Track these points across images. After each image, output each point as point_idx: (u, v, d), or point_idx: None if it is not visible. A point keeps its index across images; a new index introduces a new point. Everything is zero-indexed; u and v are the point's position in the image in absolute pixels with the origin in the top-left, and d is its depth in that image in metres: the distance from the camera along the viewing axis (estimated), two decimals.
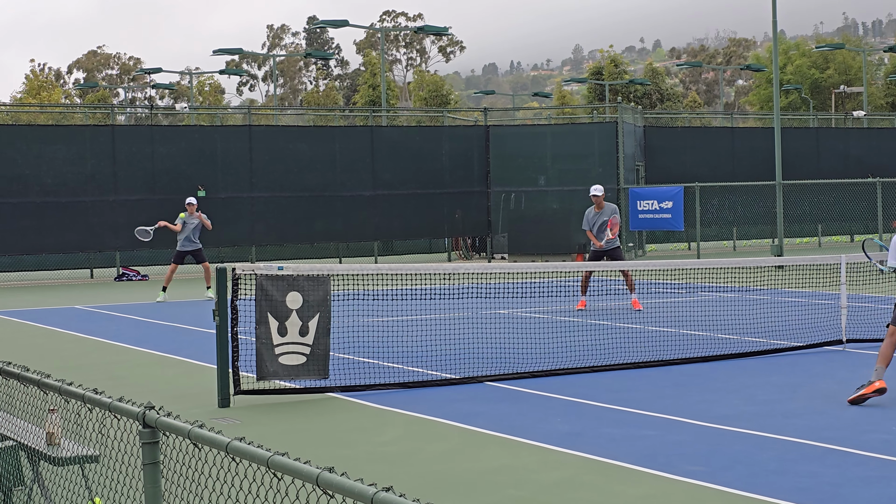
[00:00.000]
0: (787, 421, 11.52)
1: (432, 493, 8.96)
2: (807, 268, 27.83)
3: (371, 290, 18.25)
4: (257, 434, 11.11)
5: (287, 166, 37.44)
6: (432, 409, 12.57)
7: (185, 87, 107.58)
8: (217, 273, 13.18)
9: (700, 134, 48.83)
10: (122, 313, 24.66)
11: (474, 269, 16.99)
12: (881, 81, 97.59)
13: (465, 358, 15.83)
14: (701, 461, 9.90)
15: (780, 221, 35.54)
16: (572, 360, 15.72)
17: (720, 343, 17.45)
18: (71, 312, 25.27)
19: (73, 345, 19.62)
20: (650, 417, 11.90)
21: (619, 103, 40.16)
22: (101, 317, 24.12)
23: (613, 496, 8.95)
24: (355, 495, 4.07)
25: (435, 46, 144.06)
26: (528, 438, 10.99)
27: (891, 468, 9.51)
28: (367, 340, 17.62)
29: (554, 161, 39.81)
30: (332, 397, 13.56)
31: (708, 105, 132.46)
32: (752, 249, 45.07)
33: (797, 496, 8.68)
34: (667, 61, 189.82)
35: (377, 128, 40.80)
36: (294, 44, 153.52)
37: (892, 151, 49.40)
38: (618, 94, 79.69)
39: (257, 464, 4.66)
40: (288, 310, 13.28)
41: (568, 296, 23.68)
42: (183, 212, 27.67)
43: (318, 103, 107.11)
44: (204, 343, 17.77)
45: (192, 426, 5.17)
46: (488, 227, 39.95)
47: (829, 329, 17.88)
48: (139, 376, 15.77)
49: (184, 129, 40.62)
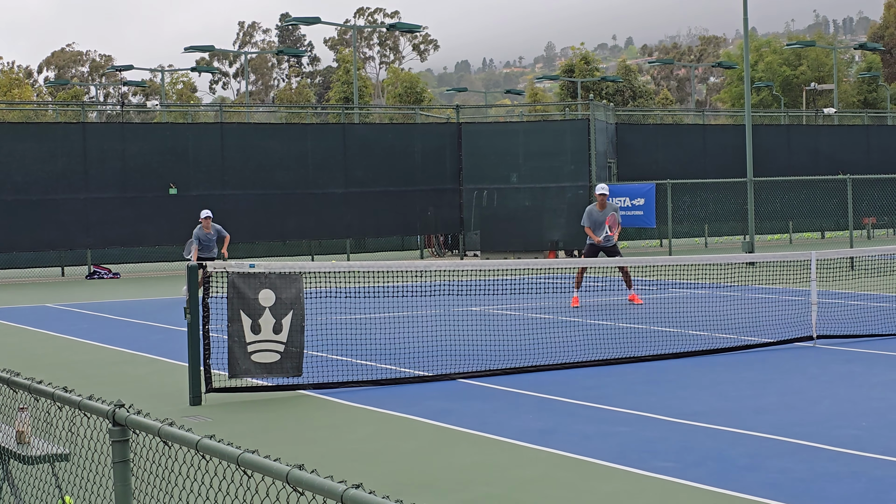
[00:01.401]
0: (758, 417, 11.56)
1: (404, 490, 8.96)
2: (777, 264, 27.97)
3: (343, 287, 18.21)
4: (228, 432, 11.09)
5: (259, 164, 37.37)
6: (404, 407, 12.56)
7: (156, 84, 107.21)
8: (188, 271, 13.14)
9: (672, 131, 48.96)
10: (94, 311, 24.57)
11: (446, 266, 16.96)
12: (852, 79, 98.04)
13: (438, 355, 15.82)
14: (672, 457, 9.92)
15: (751, 218, 35.66)
16: (545, 357, 15.74)
17: (692, 339, 17.49)
18: (42, 311, 25.16)
19: (43, 343, 19.52)
20: (622, 414, 11.92)
21: (591, 100, 40.22)
22: (73, 315, 24.02)
23: (585, 493, 8.96)
24: (325, 492, 4.06)
25: (409, 44, 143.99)
26: (501, 435, 10.99)
27: (861, 463, 9.55)
28: (339, 338, 17.59)
29: (526, 158, 39.86)
30: (304, 395, 13.54)
31: (680, 102, 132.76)
32: (723, 246, 45.23)
33: (768, 492, 8.71)
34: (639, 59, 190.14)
35: (349, 125, 40.76)
36: (266, 41, 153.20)
37: (863, 148, 49.64)
38: (590, 92, 79.78)
39: (227, 461, 4.65)
40: (261, 307, 13.25)
41: (540, 293, 23.71)
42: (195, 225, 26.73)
43: (290, 101, 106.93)
44: (175, 341, 17.72)
45: (162, 424, 5.15)
46: (461, 224, 39.96)
47: (800, 325, 17.95)
48: (110, 375, 15.71)
49: (155, 126, 40.52)
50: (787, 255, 20.17)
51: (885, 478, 9.08)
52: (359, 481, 4.34)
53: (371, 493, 3.89)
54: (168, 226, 35.74)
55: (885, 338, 17.29)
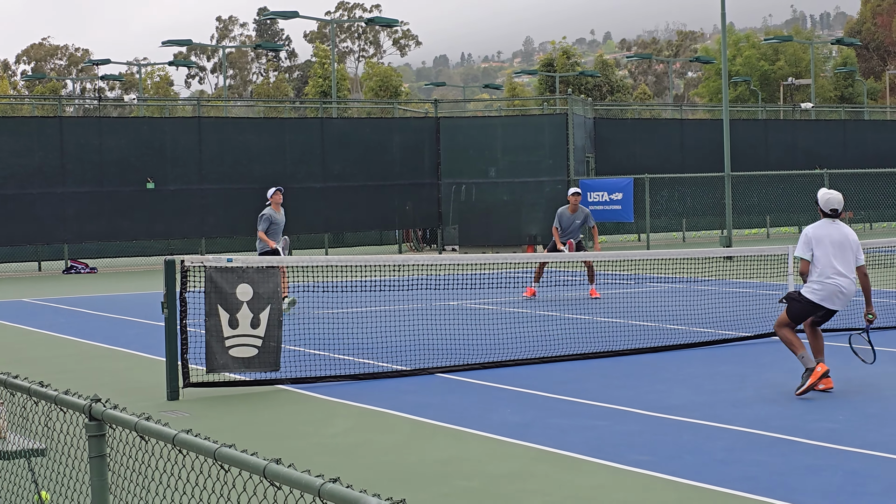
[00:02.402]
0: (735, 410, 11.60)
1: (382, 484, 8.96)
2: (755, 258, 28.05)
3: (321, 281, 18.21)
4: (206, 426, 11.07)
5: (237, 158, 37.27)
6: (382, 401, 12.56)
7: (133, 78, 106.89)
8: (166, 265, 13.11)
9: (649, 126, 49.05)
10: (71, 306, 24.48)
11: (424, 260, 16.96)
12: (829, 74, 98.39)
13: (416, 349, 15.83)
14: (649, 451, 9.95)
15: (728, 213, 35.75)
16: (522, 351, 15.76)
17: (669, 334, 17.54)
18: (18, 305, 25.07)
19: (19, 338, 19.45)
20: (599, 408, 11.95)
21: (569, 95, 40.26)
22: (49, 310, 23.93)
23: (562, 486, 8.98)
24: (302, 487, 4.06)
25: (389, 39, 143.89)
26: (478, 429, 11.00)
27: (837, 457, 9.59)
28: (317, 332, 17.57)
29: (504, 153, 39.87)
30: (281, 389, 13.52)
31: (657, 97, 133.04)
32: (701, 241, 45.34)
33: (744, 485, 8.74)
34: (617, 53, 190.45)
35: (327, 119, 40.68)
36: (244, 35, 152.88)
37: (840, 143, 49.82)
38: (568, 86, 79.86)
39: (204, 456, 4.64)
40: (238, 302, 13.23)
41: (518, 287, 23.73)
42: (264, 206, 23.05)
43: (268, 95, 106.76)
44: (153, 336, 17.68)
45: (138, 419, 5.14)
46: (439, 218, 39.95)
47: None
48: (87, 369, 15.67)
49: (132, 120, 40.36)
50: (765, 249, 20.24)
51: (862, 471, 9.12)
52: (336, 475, 4.34)
53: (348, 486, 3.90)
54: (145, 220, 35.63)
55: (861, 331, 17.32)
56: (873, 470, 9.15)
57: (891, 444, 9.97)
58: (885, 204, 45.35)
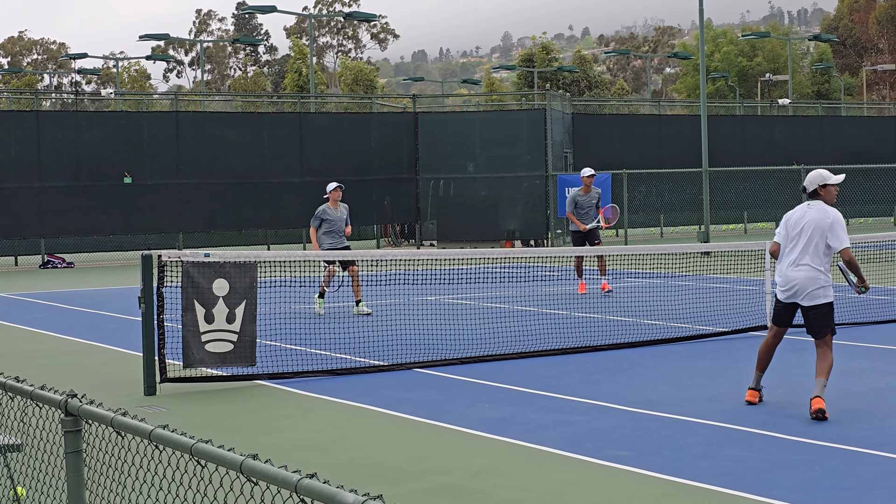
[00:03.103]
0: (713, 405, 11.62)
1: (359, 480, 8.94)
2: (732, 254, 28.13)
3: (299, 277, 18.18)
4: (183, 422, 11.05)
5: (214, 153, 37.19)
6: (360, 397, 12.55)
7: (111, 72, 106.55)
8: (143, 260, 13.06)
9: (628, 121, 49.10)
10: (47, 301, 24.39)
11: (403, 255, 16.94)
12: (807, 70, 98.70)
13: (394, 345, 15.82)
14: (627, 446, 9.96)
15: (706, 208, 35.82)
16: (501, 346, 15.76)
17: (647, 329, 17.56)
18: None
19: None
20: (577, 403, 11.96)
21: (547, 90, 40.29)
22: (26, 304, 23.83)
23: (540, 481, 8.98)
24: (279, 482, 4.05)
25: (368, 34, 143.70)
26: (456, 425, 11.00)
27: (814, 452, 9.62)
28: (295, 328, 17.55)
29: (483, 148, 39.88)
30: (259, 385, 13.50)
31: (636, 92, 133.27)
32: (678, 236, 45.44)
33: (722, 480, 8.76)
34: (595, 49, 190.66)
35: (305, 114, 40.61)
36: (222, 29, 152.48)
37: (817, 139, 49.98)
38: (546, 82, 79.90)
39: (181, 451, 4.62)
40: (214, 297, 13.19)
41: (496, 282, 23.74)
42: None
43: (246, 90, 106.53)
44: (130, 331, 17.62)
45: (115, 414, 5.12)
46: (417, 213, 39.94)
47: (754, 314, 18.07)
48: (64, 364, 15.61)
49: (110, 115, 40.23)
50: (742, 244, 20.28)
51: (839, 466, 9.15)
52: (314, 471, 4.33)
53: (325, 482, 3.88)
54: (122, 215, 35.54)
55: (839, 327, 17.38)
56: (850, 465, 9.18)
57: (867, 439, 10.00)
58: (862, 199, 45.52)
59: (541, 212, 39.25)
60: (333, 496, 3.77)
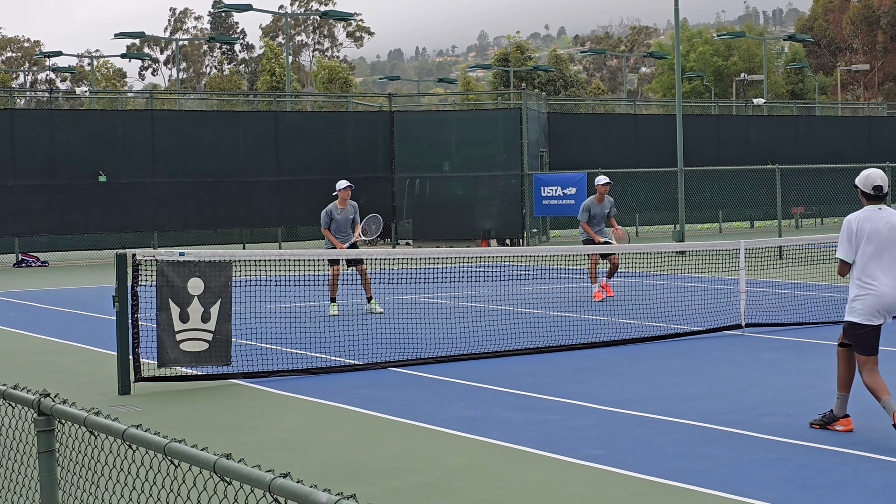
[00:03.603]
0: (687, 404, 11.66)
1: (334, 479, 8.94)
2: (707, 253, 28.21)
3: (274, 276, 18.16)
4: (157, 421, 11.02)
5: (190, 151, 37.10)
6: (335, 395, 12.54)
7: (85, 70, 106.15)
8: (117, 259, 13.02)
9: (603, 121, 49.18)
10: (21, 300, 24.29)
11: (378, 254, 16.94)
12: (782, 69, 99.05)
13: (369, 344, 15.81)
14: (602, 445, 9.97)
15: (681, 207, 35.91)
16: (476, 345, 15.77)
17: (622, 328, 17.60)
18: None
19: None
20: (553, 402, 11.97)
21: (523, 90, 40.32)
22: (0, 304, 23.73)
23: (515, 480, 8.99)
24: (252, 482, 4.05)
25: (344, 32, 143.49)
26: (432, 424, 11.00)
27: (787, 450, 9.66)
28: (270, 327, 17.53)
29: (458, 147, 39.89)
30: (234, 384, 13.47)
31: (612, 92, 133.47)
32: (654, 235, 45.54)
33: (696, 479, 8.78)
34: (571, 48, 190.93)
35: (281, 113, 40.55)
36: (198, 27, 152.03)
37: (792, 138, 50.17)
38: (522, 81, 79.97)
39: (154, 451, 4.61)
40: (189, 296, 13.16)
41: (471, 281, 23.75)
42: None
43: (221, 88, 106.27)
44: (104, 330, 17.56)
45: (88, 413, 5.11)
46: (393, 212, 39.92)
47: (729, 314, 18.13)
48: (37, 364, 15.55)
49: (85, 113, 40.06)
50: (717, 244, 20.34)
51: (812, 464, 9.19)
52: (288, 470, 4.32)
53: (299, 481, 3.88)
54: (97, 214, 35.43)
55: (813, 326, 17.50)
56: (823, 464, 9.22)
57: (840, 438, 10.05)
58: (837, 199, 45.65)
59: (516, 211, 39.28)
60: (307, 496, 3.77)
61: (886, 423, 10.18)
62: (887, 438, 9.98)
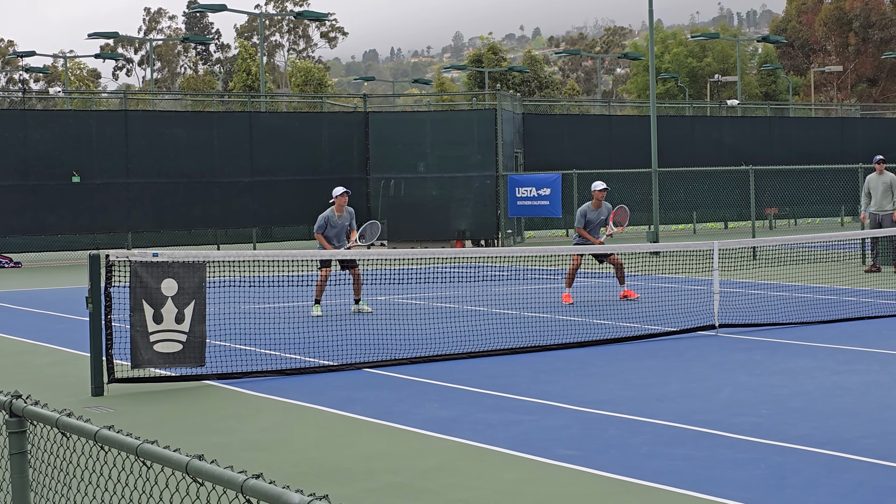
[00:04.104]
0: (661, 405, 11.68)
1: (308, 480, 8.93)
2: (681, 254, 28.30)
3: (249, 276, 18.14)
4: (131, 423, 10.98)
5: (164, 152, 37.01)
6: (309, 397, 12.52)
7: (59, 70, 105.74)
8: (90, 260, 12.97)
9: (578, 121, 49.26)
10: None
11: (352, 255, 16.93)
12: (755, 71, 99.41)
13: (344, 345, 15.80)
14: (576, 445, 9.99)
15: (655, 208, 36.00)
16: (450, 346, 15.77)
17: (596, 329, 17.63)
18: None
19: None
20: (527, 403, 11.98)
21: (498, 90, 40.35)
22: None
23: (489, 481, 8.99)
24: (225, 483, 4.04)
25: (318, 32, 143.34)
26: (406, 425, 10.99)
27: (760, 450, 9.69)
28: (244, 328, 17.49)
29: (433, 148, 39.90)
30: (208, 385, 13.44)
31: (587, 93, 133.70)
32: (628, 236, 45.63)
33: (669, 479, 8.80)
34: (546, 49, 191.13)
35: (255, 113, 40.49)
36: (172, 28, 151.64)
37: (765, 139, 50.34)
38: (497, 82, 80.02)
39: (126, 452, 4.60)
40: (163, 297, 13.12)
41: (446, 282, 23.75)
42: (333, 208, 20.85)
43: (196, 88, 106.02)
44: (78, 331, 17.50)
45: (60, 415, 5.09)
46: (368, 213, 39.88)
47: (703, 314, 18.18)
48: (10, 365, 15.48)
49: (58, 113, 39.93)
50: (691, 244, 20.39)
51: (785, 464, 9.22)
52: (261, 471, 4.32)
53: (271, 482, 3.88)
54: (71, 214, 35.31)
55: (786, 326, 17.56)
56: (795, 463, 9.26)
57: (812, 437, 10.09)
58: (810, 200, 45.91)
59: (491, 212, 39.31)
60: (279, 496, 3.77)
61: (859, 423, 10.21)
62: (860, 438, 10.03)
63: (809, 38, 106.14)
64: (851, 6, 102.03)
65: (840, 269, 25.78)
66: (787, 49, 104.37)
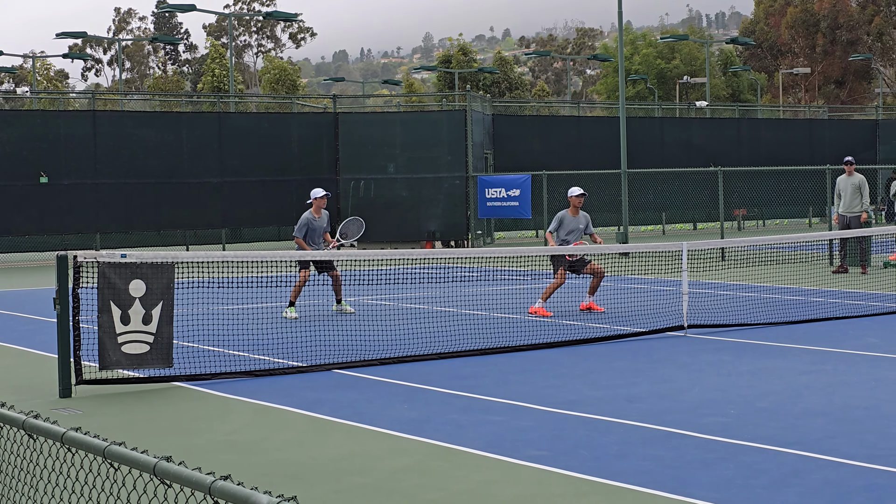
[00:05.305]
0: (630, 405, 11.71)
1: (277, 481, 8.91)
2: (650, 255, 28.38)
3: (218, 277, 18.07)
4: (99, 424, 10.94)
5: (133, 152, 36.85)
6: (278, 398, 12.50)
7: (26, 70, 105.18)
8: (58, 261, 12.91)
9: (548, 123, 49.32)
10: None
11: (322, 256, 16.91)
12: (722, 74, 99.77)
13: (313, 346, 15.78)
14: (545, 446, 10.01)
15: (625, 209, 36.09)
16: (420, 347, 15.77)
17: (565, 329, 17.66)
18: None
19: None
20: (496, 403, 11.99)
21: (467, 91, 40.38)
22: None
23: (458, 482, 9.00)
24: (193, 484, 4.03)
25: (286, 33, 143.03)
26: (375, 425, 10.99)
27: (728, 450, 9.73)
28: (213, 329, 17.44)
29: (403, 149, 39.89)
30: (177, 386, 13.40)
31: (556, 94, 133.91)
32: None
33: (638, 479, 8.83)
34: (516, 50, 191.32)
35: (225, 114, 40.39)
36: (142, 28, 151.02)
37: (733, 140, 50.53)
38: (467, 83, 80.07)
39: (94, 454, 4.58)
40: (131, 298, 13.07)
41: (415, 283, 23.75)
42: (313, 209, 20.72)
43: (165, 89, 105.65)
44: (45, 332, 17.42)
45: (26, 417, 5.07)
46: (338, 214, 39.83)
47: (671, 315, 18.24)
48: None
49: (25, 113, 39.74)
50: (660, 245, 20.44)
51: (753, 464, 9.26)
52: (230, 472, 4.31)
53: (240, 484, 3.87)
54: (38, 215, 35.13)
55: (754, 327, 17.63)
56: (763, 463, 9.30)
57: (780, 437, 10.13)
58: (778, 201, 46.09)
59: (461, 212, 39.33)
60: (247, 498, 3.76)
61: (826, 423, 10.26)
62: (827, 438, 10.08)
63: (777, 39, 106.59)
64: (819, 7, 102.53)
65: (808, 270, 25.90)
66: (756, 51, 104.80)
